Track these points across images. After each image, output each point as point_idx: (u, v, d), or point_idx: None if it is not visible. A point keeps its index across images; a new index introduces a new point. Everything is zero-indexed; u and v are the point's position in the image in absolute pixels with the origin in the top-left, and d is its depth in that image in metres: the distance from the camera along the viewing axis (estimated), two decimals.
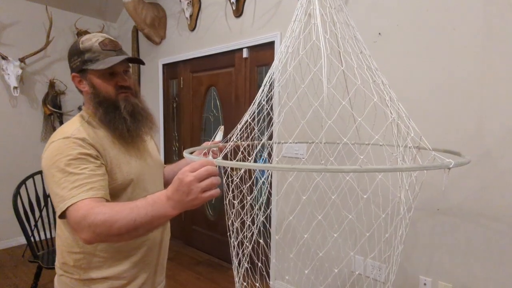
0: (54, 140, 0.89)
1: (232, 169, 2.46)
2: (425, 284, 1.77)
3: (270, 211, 2.47)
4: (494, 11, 1.50)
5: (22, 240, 3.26)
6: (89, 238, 0.75)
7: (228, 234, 1.09)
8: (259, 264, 2.45)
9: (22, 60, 3.17)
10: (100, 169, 0.87)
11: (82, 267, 0.94)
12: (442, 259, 1.71)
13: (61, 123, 3.55)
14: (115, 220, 0.72)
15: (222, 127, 1.31)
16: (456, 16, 1.61)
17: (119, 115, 0.95)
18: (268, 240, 2.51)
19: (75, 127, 0.92)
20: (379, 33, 1.87)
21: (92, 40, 0.95)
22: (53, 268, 1.07)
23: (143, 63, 1.07)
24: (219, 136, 1.25)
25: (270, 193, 2.47)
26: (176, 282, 2.59)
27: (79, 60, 0.94)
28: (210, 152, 1.15)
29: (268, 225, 2.50)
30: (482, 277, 1.59)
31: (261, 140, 1.04)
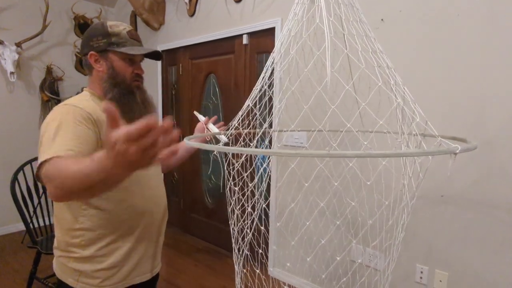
0: (54, 108, 0.93)
1: (233, 156, 2.45)
2: (421, 272, 1.78)
3: (268, 199, 2.48)
4: None
5: (21, 226, 3.26)
6: (53, 193, 0.72)
7: (230, 222, 1.09)
8: (260, 251, 2.46)
9: (18, 44, 3.11)
10: (87, 135, 0.87)
11: (82, 245, 0.95)
12: (439, 248, 1.72)
13: None
14: (65, 176, 0.67)
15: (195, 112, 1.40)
16: (460, 1, 1.58)
17: (133, 99, 1.01)
18: (263, 228, 2.52)
19: (80, 99, 0.97)
20: (382, 19, 1.84)
21: (120, 27, 1.03)
22: (52, 253, 1.07)
23: (161, 59, 1.11)
24: (201, 118, 1.32)
25: (270, 181, 2.47)
26: (174, 269, 2.60)
27: (104, 41, 0.99)
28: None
29: (268, 212, 2.51)
30: (478, 265, 1.60)
31: (262, 128, 1.02)
